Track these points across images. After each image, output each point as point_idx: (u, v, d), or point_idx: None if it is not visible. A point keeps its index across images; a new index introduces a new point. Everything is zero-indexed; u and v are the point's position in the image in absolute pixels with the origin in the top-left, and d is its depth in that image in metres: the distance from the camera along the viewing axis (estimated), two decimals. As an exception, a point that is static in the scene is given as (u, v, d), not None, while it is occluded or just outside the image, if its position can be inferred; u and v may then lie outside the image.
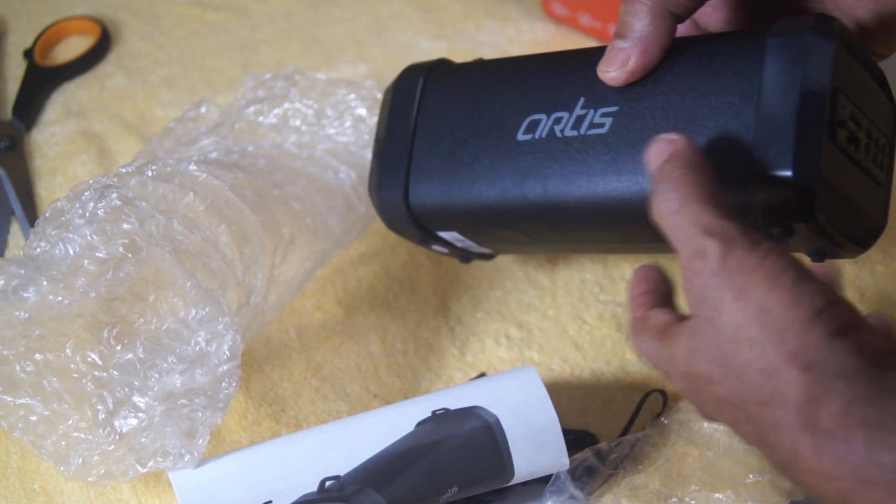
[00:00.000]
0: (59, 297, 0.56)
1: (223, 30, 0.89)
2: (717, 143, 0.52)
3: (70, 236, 0.57)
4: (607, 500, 0.61)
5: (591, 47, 0.59)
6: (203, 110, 0.75)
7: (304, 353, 0.69)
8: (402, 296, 0.72)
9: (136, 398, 0.57)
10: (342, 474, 0.57)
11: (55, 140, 0.81)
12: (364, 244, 0.74)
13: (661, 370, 0.49)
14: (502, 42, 0.87)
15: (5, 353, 0.57)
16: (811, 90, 0.50)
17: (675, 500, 0.60)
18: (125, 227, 0.57)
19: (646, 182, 0.53)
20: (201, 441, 0.57)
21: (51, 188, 0.78)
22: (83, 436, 0.57)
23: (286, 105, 0.73)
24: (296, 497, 0.57)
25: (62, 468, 0.58)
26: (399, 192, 0.61)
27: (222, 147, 0.70)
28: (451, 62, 0.65)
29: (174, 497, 0.58)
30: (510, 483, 0.60)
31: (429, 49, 0.87)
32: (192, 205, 0.61)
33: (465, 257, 0.68)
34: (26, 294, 0.56)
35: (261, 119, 0.73)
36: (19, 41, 0.88)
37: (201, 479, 0.57)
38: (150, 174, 0.61)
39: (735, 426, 0.46)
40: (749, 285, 0.44)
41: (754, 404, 0.44)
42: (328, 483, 0.57)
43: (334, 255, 0.71)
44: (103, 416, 0.57)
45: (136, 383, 0.57)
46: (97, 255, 0.57)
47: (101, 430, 0.57)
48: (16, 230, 0.76)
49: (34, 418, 0.57)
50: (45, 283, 0.56)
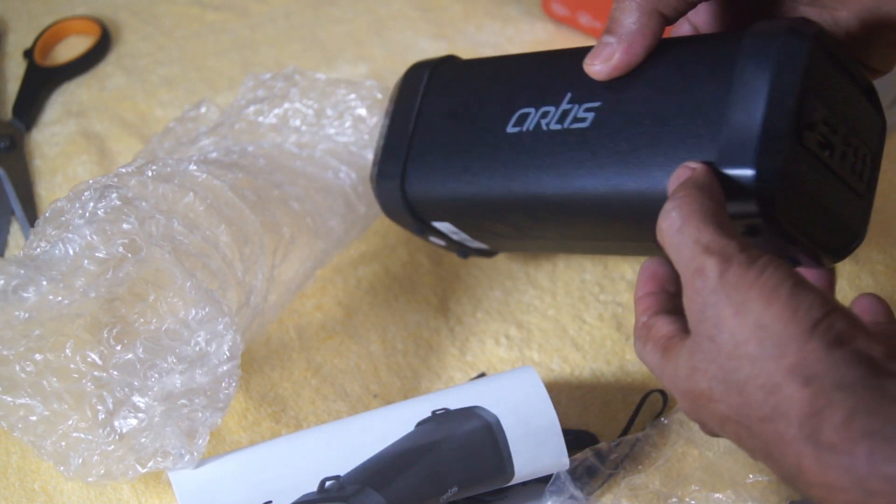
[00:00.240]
0: (59, 297, 0.56)
1: (223, 30, 0.89)
2: (687, 141, 0.52)
3: (70, 236, 0.57)
4: (607, 500, 0.61)
5: (585, 46, 0.59)
6: (203, 110, 0.75)
7: (304, 353, 0.69)
8: (402, 296, 0.72)
9: (136, 398, 0.57)
10: (342, 474, 0.57)
11: (55, 140, 0.81)
12: (364, 244, 0.74)
13: (662, 383, 0.50)
14: (502, 42, 0.88)
15: (5, 353, 0.57)
16: (779, 89, 0.50)
17: (675, 500, 0.60)
18: (125, 227, 0.57)
19: (622, 177, 0.53)
20: (201, 441, 0.57)
21: (51, 188, 0.78)
22: (83, 436, 0.57)
23: (286, 105, 0.73)
24: (296, 497, 0.57)
25: (62, 468, 0.58)
26: (396, 180, 0.63)
27: (222, 147, 0.70)
28: (458, 58, 0.66)
29: (174, 497, 0.58)
30: (510, 483, 0.60)
31: (429, 49, 0.87)
32: (192, 205, 0.61)
33: (463, 252, 0.68)
34: (26, 294, 0.56)
35: (261, 119, 0.73)
36: (19, 41, 0.88)
37: (201, 479, 0.57)
38: (150, 174, 0.61)
39: (739, 442, 0.47)
40: (747, 301, 0.44)
41: (757, 420, 0.44)
42: (328, 483, 0.57)
43: (334, 255, 0.71)
44: (103, 416, 0.57)
45: (136, 383, 0.57)
46: (97, 255, 0.57)
47: (101, 431, 0.57)
48: (16, 230, 0.76)
49: (34, 418, 0.57)
50: (44, 283, 0.56)
